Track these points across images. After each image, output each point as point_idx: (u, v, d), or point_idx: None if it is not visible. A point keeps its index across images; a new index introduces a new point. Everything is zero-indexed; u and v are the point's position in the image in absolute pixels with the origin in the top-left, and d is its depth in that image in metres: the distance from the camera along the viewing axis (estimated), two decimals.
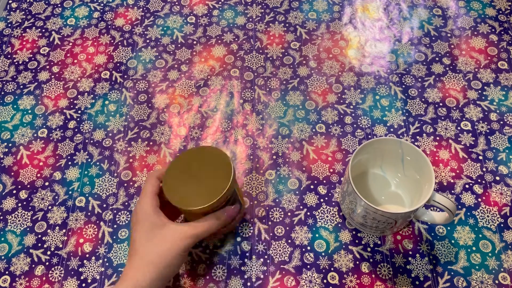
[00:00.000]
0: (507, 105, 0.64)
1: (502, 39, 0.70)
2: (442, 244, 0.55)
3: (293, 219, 0.57)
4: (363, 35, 0.71)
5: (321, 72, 0.68)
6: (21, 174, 0.61)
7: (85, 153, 0.62)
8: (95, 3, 0.76)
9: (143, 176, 0.60)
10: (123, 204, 0.58)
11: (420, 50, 0.69)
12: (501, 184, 0.58)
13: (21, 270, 0.54)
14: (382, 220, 0.50)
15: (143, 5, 0.75)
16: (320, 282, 0.53)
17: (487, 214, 0.56)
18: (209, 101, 0.66)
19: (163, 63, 0.69)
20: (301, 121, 0.63)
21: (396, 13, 0.74)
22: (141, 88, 0.67)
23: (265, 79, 0.67)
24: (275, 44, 0.71)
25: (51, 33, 0.73)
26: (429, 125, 0.63)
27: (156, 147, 0.62)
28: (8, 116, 0.65)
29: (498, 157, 0.60)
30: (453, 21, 0.72)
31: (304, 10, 0.74)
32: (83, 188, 0.59)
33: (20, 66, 0.70)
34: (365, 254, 0.54)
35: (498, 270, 0.53)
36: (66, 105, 0.66)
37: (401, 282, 0.53)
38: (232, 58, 0.69)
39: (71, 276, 0.54)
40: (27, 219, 0.57)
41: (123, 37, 0.72)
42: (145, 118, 0.64)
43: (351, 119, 0.63)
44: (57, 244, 0.56)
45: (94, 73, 0.69)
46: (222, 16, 0.74)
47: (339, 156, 0.61)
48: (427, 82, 0.66)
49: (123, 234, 0.56)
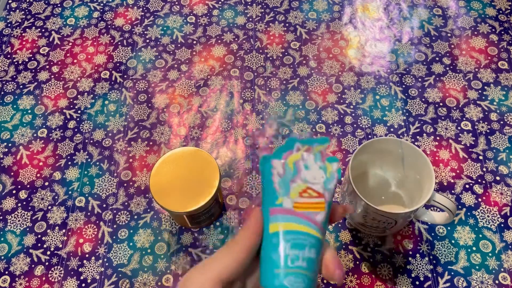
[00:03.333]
0: (507, 105, 0.64)
1: (502, 39, 0.70)
2: (442, 244, 0.55)
3: None
4: (363, 35, 0.71)
5: (321, 72, 0.68)
6: (21, 174, 0.60)
7: (85, 153, 0.62)
8: (94, 3, 0.76)
9: (142, 176, 0.60)
10: (123, 204, 0.58)
11: (420, 50, 0.69)
12: (501, 184, 0.58)
13: (21, 270, 0.54)
14: (382, 220, 0.50)
15: (143, 5, 0.75)
16: (320, 282, 0.53)
17: (487, 214, 0.56)
18: (209, 101, 0.65)
19: (163, 63, 0.69)
20: (301, 121, 0.63)
21: (396, 13, 0.73)
22: (141, 88, 0.67)
23: (265, 79, 0.67)
24: (275, 44, 0.70)
25: (51, 33, 0.73)
26: (429, 125, 0.63)
27: (156, 147, 0.62)
28: (7, 116, 0.65)
29: (498, 157, 0.60)
30: (453, 21, 0.72)
31: (304, 10, 0.74)
32: (83, 188, 0.59)
33: (20, 66, 0.70)
34: (365, 254, 0.54)
35: (498, 270, 0.53)
36: (66, 105, 0.66)
37: (401, 282, 0.53)
38: (232, 58, 0.69)
39: (70, 276, 0.54)
40: (27, 219, 0.57)
41: (123, 37, 0.72)
42: (145, 118, 0.64)
43: (351, 119, 0.63)
44: (57, 244, 0.56)
45: (94, 73, 0.68)
46: (222, 16, 0.74)
47: (339, 156, 0.61)
48: (427, 82, 0.66)
49: (123, 234, 0.56)
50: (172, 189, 0.49)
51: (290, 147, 0.30)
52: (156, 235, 0.56)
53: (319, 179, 0.30)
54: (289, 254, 0.28)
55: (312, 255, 0.29)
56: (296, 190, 0.29)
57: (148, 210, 0.58)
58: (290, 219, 0.29)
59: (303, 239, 0.29)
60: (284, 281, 0.28)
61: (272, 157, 0.30)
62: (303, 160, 0.30)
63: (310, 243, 0.29)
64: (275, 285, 0.28)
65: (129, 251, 0.55)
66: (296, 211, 0.29)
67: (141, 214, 0.57)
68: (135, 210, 0.58)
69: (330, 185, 0.30)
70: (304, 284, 0.28)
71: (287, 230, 0.29)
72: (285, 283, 0.28)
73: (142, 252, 0.55)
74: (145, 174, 0.60)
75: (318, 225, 0.29)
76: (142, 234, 0.56)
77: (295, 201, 0.29)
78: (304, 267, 0.28)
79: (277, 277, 0.28)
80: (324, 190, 0.30)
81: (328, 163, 0.30)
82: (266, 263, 0.29)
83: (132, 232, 0.56)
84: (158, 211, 0.58)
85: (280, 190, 0.29)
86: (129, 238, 0.56)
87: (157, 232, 0.56)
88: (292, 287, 0.28)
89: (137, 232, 0.56)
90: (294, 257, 0.28)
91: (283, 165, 0.30)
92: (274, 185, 0.29)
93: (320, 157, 0.30)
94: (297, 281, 0.28)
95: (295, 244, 0.28)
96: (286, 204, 0.29)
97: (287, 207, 0.29)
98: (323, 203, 0.30)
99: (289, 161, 0.30)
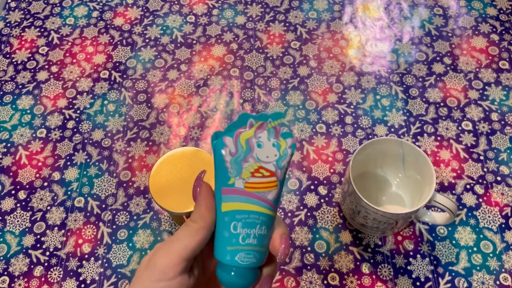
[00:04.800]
0: (508, 105, 0.64)
1: (503, 39, 0.70)
2: (443, 245, 0.54)
3: (293, 219, 0.56)
4: (364, 34, 0.71)
5: (322, 72, 0.67)
6: (20, 175, 0.60)
7: (84, 153, 0.62)
8: (94, 3, 0.76)
9: (142, 176, 0.60)
10: (122, 204, 0.58)
11: (421, 49, 0.69)
12: (502, 184, 0.58)
13: (20, 270, 0.54)
14: (382, 221, 0.49)
15: (142, 5, 0.75)
16: (321, 283, 0.52)
17: (488, 214, 0.56)
18: (208, 101, 0.65)
19: (163, 62, 0.69)
20: (301, 121, 0.63)
21: (397, 13, 0.73)
22: (141, 88, 0.67)
23: (265, 79, 0.67)
24: (275, 44, 0.70)
25: (50, 33, 0.73)
26: (430, 125, 0.62)
27: (156, 147, 0.62)
28: (6, 116, 0.65)
29: (499, 157, 0.60)
30: (454, 21, 0.72)
31: (305, 9, 0.74)
32: (82, 189, 0.59)
33: (19, 66, 0.69)
34: (366, 254, 0.54)
35: (499, 271, 0.53)
36: (65, 105, 0.65)
37: (402, 283, 0.52)
38: (232, 57, 0.69)
39: (70, 276, 0.53)
40: (26, 220, 0.57)
41: (122, 37, 0.72)
42: (145, 118, 0.64)
43: (351, 119, 0.63)
44: (56, 244, 0.55)
45: (93, 73, 0.68)
46: (221, 15, 0.74)
47: (340, 156, 0.60)
48: (428, 82, 0.66)
49: (122, 234, 0.56)
50: (171, 189, 0.49)
51: (243, 123, 0.30)
52: (155, 236, 0.56)
53: (272, 157, 0.30)
54: (240, 232, 0.29)
55: (263, 232, 0.30)
56: (248, 170, 0.29)
57: (147, 210, 0.57)
58: (242, 200, 0.29)
59: (255, 218, 0.29)
60: (235, 257, 0.29)
61: (224, 133, 0.30)
62: (255, 138, 0.30)
63: (262, 221, 0.29)
64: (227, 260, 0.29)
65: (128, 252, 0.55)
66: (247, 191, 0.29)
67: (141, 214, 0.57)
68: (135, 211, 0.57)
69: (283, 163, 0.30)
70: (255, 259, 0.29)
71: (239, 210, 0.29)
72: (236, 259, 0.29)
73: (142, 253, 0.55)
74: (145, 175, 0.60)
75: (270, 203, 0.30)
76: (141, 234, 0.56)
77: (246, 181, 0.29)
78: (254, 243, 0.29)
79: (229, 253, 0.29)
80: (276, 168, 0.30)
81: (282, 140, 0.30)
82: (218, 239, 0.30)
83: (131, 233, 0.56)
84: (157, 212, 0.57)
85: (232, 170, 0.29)
86: (129, 239, 0.56)
87: (157, 233, 0.56)
88: (243, 263, 0.29)
89: (136, 233, 0.56)
90: (246, 235, 0.29)
91: (235, 143, 0.29)
92: (226, 164, 0.29)
93: (274, 133, 0.30)
94: (248, 257, 0.29)
95: (246, 223, 0.29)
96: (238, 184, 0.29)
97: (239, 187, 0.29)
98: (275, 181, 0.30)
99: (242, 139, 0.29)
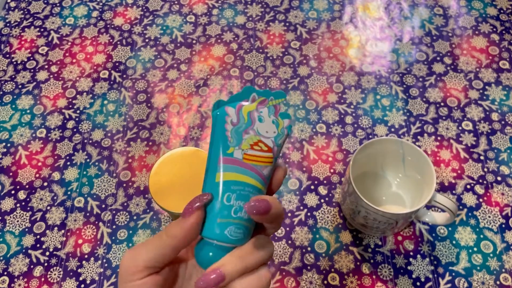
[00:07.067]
0: (508, 105, 0.64)
1: (504, 39, 0.70)
2: (443, 245, 0.54)
3: (293, 219, 0.56)
4: (364, 34, 0.71)
5: (322, 72, 0.67)
6: (20, 175, 0.60)
7: (84, 153, 0.62)
8: (94, 2, 0.76)
9: (142, 176, 0.60)
10: (122, 204, 0.58)
11: (421, 49, 0.69)
12: (502, 184, 0.58)
13: (20, 271, 0.54)
14: (383, 221, 0.49)
15: (142, 4, 0.75)
16: (321, 283, 0.52)
17: (488, 214, 0.56)
18: (208, 101, 0.65)
19: (162, 62, 0.69)
20: (302, 121, 0.63)
21: (397, 12, 0.73)
22: (140, 88, 0.67)
23: (265, 79, 0.67)
24: (275, 44, 0.70)
25: (50, 33, 0.73)
26: (430, 125, 0.62)
27: (156, 147, 0.62)
28: (6, 116, 0.65)
29: (499, 157, 0.60)
30: (454, 21, 0.72)
31: (305, 9, 0.74)
32: (82, 189, 0.59)
33: (19, 66, 0.69)
34: (366, 255, 0.54)
35: (500, 271, 0.53)
36: (64, 105, 0.65)
37: (402, 283, 0.52)
38: (232, 57, 0.69)
39: (70, 277, 0.53)
40: (25, 220, 0.57)
41: (122, 37, 0.72)
42: (144, 118, 0.64)
43: (351, 119, 0.63)
44: (56, 245, 0.55)
45: (93, 73, 0.68)
46: (221, 15, 0.74)
47: (340, 156, 0.60)
48: (428, 81, 0.66)
49: (122, 235, 0.56)
50: (171, 189, 0.49)
51: (246, 96, 0.30)
52: None
53: (271, 133, 0.30)
54: (233, 205, 0.29)
55: None
56: (247, 141, 0.29)
57: (147, 210, 0.57)
58: (239, 170, 0.29)
59: (249, 191, 0.29)
60: (225, 230, 0.28)
61: (227, 103, 0.30)
62: (257, 112, 0.30)
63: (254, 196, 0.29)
64: (216, 233, 0.28)
65: None
66: (245, 163, 0.29)
67: (141, 214, 0.57)
68: (135, 211, 0.57)
69: (280, 141, 0.30)
70: (243, 235, 0.29)
71: (235, 180, 0.29)
72: (226, 232, 0.28)
73: None
74: (145, 175, 0.60)
75: (264, 178, 0.30)
76: (141, 234, 0.56)
77: (245, 153, 0.29)
78: (245, 218, 0.29)
79: (219, 226, 0.28)
80: (274, 145, 0.30)
81: (280, 119, 0.30)
82: (209, 212, 0.29)
83: (131, 233, 0.56)
84: (157, 212, 0.57)
85: (232, 140, 0.29)
86: (129, 239, 0.56)
87: (157, 233, 0.56)
88: (231, 237, 0.28)
89: (136, 233, 0.56)
90: (238, 208, 0.29)
91: (238, 113, 0.30)
92: (227, 132, 0.29)
93: (274, 111, 0.30)
94: (237, 231, 0.29)
95: (240, 195, 0.29)
96: (237, 154, 0.29)
97: (238, 157, 0.29)
98: (271, 157, 0.30)
99: (244, 111, 0.30)
